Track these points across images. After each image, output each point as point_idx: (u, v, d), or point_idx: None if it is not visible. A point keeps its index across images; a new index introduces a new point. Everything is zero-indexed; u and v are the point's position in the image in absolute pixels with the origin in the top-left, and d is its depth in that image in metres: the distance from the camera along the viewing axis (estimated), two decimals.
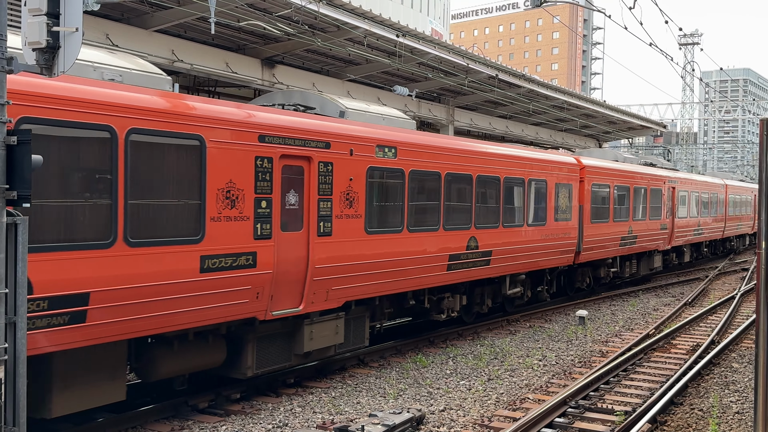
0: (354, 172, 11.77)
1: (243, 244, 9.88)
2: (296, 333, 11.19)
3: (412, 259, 13.12)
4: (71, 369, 8.32)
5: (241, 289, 9.84)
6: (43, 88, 7.63)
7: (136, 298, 8.51)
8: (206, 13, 15.78)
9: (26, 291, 6.21)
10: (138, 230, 8.54)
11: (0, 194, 5.90)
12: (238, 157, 9.79)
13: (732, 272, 30.42)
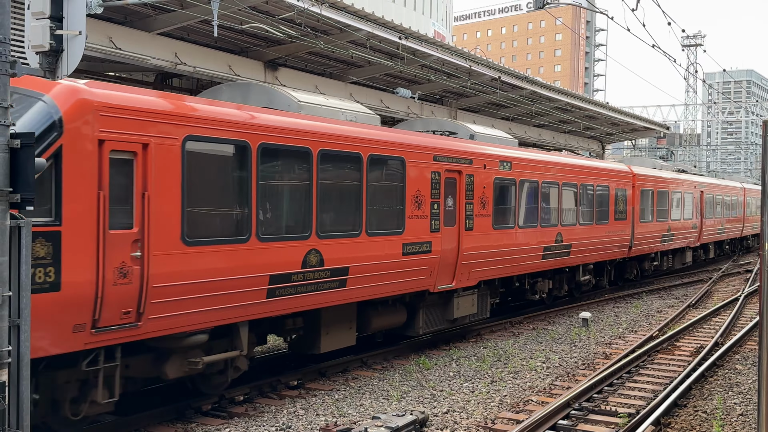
0: (486, 182, 15.29)
1: (424, 235, 13.33)
2: (448, 303, 14.66)
3: (520, 250, 16.62)
4: (330, 321, 11.98)
5: (422, 269, 13.29)
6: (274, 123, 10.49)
7: (371, 272, 12.05)
8: (209, 16, 15.79)
9: (30, 293, 6.22)
10: (373, 226, 12.11)
11: (3, 197, 5.91)
12: (422, 172, 13.31)
13: (735, 274, 30.37)
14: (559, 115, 35.39)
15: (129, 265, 8.33)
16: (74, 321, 7.83)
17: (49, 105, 7.66)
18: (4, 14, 5.95)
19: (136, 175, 8.48)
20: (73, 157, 7.78)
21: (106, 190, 8.11)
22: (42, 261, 7.42)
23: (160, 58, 18.22)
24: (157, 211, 8.66)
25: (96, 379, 8.41)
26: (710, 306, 20.87)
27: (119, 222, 8.28)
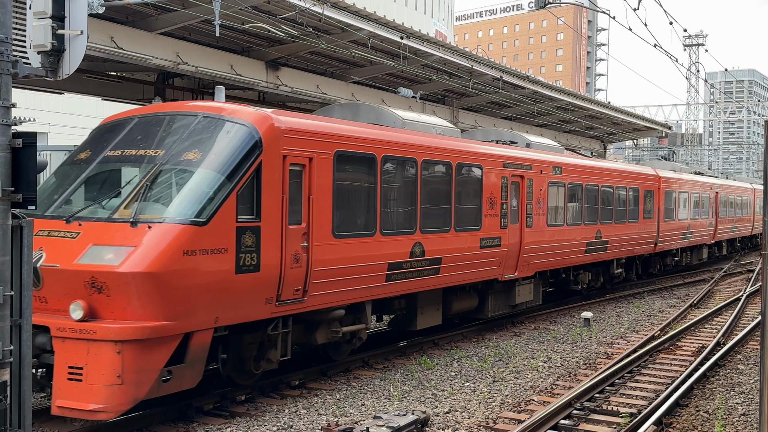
0: (542, 185, 17.45)
1: (496, 231, 15.46)
2: (510, 291, 16.70)
3: (568, 244, 18.76)
4: (425, 303, 13.99)
5: (493, 260, 15.39)
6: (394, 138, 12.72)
7: (457, 261, 14.08)
8: (211, 16, 15.80)
9: (31, 293, 6.23)
10: (459, 223, 14.12)
11: (5, 197, 5.91)
12: (494, 177, 15.46)
13: (737, 274, 30.35)
14: (560, 114, 35.37)
15: (300, 252, 10.49)
16: (267, 295, 9.95)
17: (251, 129, 9.80)
18: (6, 14, 5.95)
19: (304, 182, 10.63)
20: (268, 169, 9.91)
21: (287, 194, 10.21)
22: (249, 249, 9.58)
23: (161, 57, 18.23)
24: (317, 211, 10.79)
25: (273, 342, 10.62)
26: (712, 306, 20.86)
27: (294, 219, 10.41)
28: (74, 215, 9.18)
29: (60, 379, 8.46)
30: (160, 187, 9.28)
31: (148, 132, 10.09)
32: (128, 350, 8.37)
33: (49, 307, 8.80)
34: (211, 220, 9.04)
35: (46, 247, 8.90)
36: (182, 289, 8.72)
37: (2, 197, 5.89)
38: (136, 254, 8.49)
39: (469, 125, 33.32)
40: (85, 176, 9.84)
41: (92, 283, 8.50)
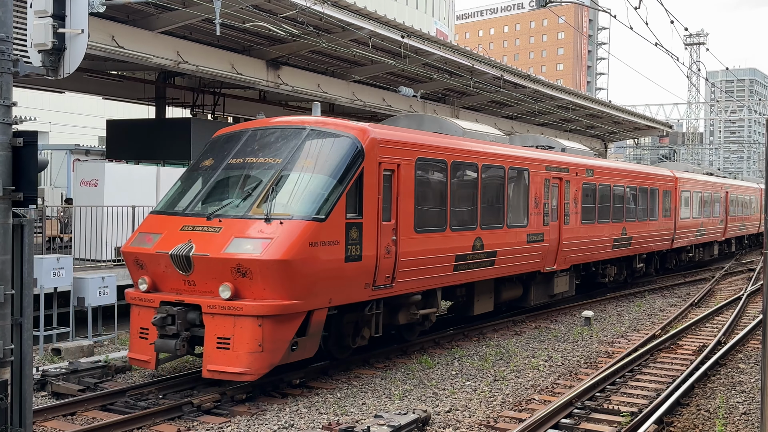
0: (577, 186, 19.19)
1: (539, 228, 17.16)
2: (549, 282, 18.45)
3: (599, 240, 20.55)
4: (480, 292, 15.64)
5: (537, 254, 17.06)
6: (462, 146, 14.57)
7: (509, 254, 15.72)
8: (211, 15, 15.80)
9: (32, 291, 6.22)
10: (510, 220, 15.88)
11: (6, 196, 5.91)
12: (538, 179, 17.18)
13: (738, 273, 30.32)
14: (561, 113, 35.34)
15: (390, 245, 12.13)
16: (366, 281, 11.66)
17: (354, 140, 11.55)
18: (7, 12, 5.95)
19: (393, 185, 12.28)
20: (368, 174, 11.65)
21: (381, 195, 11.89)
22: (354, 241, 11.28)
23: (162, 56, 18.22)
24: (403, 209, 12.45)
25: (367, 321, 12.42)
26: (713, 305, 20.84)
27: (386, 216, 12.07)
28: (214, 213, 10.95)
29: (210, 348, 10.23)
30: (284, 189, 10.99)
31: (264, 143, 11.85)
32: (267, 324, 10.16)
33: (197, 289, 10.57)
34: (328, 217, 10.79)
35: (194, 239, 10.64)
36: (308, 274, 10.47)
37: (3, 196, 5.89)
38: (273, 245, 10.22)
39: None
40: (215, 180, 11.60)
41: (238, 269, 10.21)
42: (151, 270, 11.02)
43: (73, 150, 36.19)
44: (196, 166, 12.19)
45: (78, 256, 16.16)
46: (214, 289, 10.38)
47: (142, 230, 11.49)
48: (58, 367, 11.49)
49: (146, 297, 10.99)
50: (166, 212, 11.52)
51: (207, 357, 10.25)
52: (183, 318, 10.48)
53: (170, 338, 10.44)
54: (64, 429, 9.24)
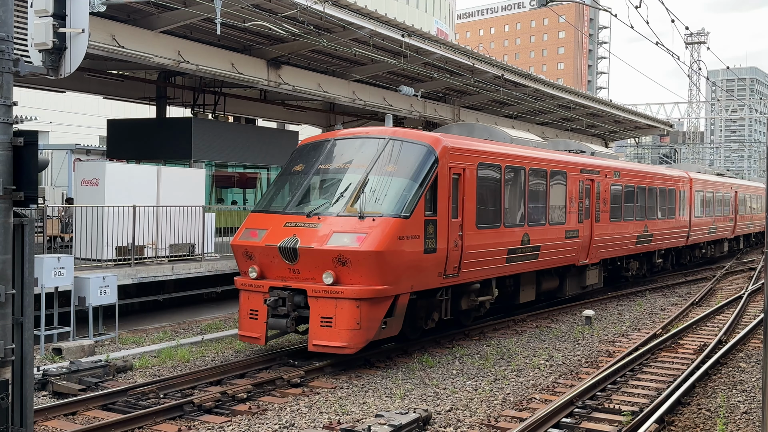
0: (606, 186, 20.87)
1: (575, 225, 18.86)
2: (582, 274, 20.06)
3: (625, 237, 22.25)
4: (525, 282, 17.20)
5: (573, 248, 18.77)
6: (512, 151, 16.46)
7: (550, 249, 17.52)
8: (212, 14, 15.80)
9: (33, 291, 6.22)
10: (551, 218, 17.60)
11: (7, 195, 5.90)
12: (574, 181, 18.86)
13: (739, 272, 30.30)
14: (562, 112, 35.33)
15: (457, 239, 13.73)
16: (438, 270, 13.33)
17: (430, 148, 13.22)
18: (7, 12, 5.94)
19: (459, 187, 13.92)
20: (441, 177, 13.30)
21: (450, 195, 13.56)
22: (431, 236, 12.92)
23: (163, 56, 18.22)
24: (467, 208, 14.09)
25: (438, 306, 14.11)
26: (714, 304, 20.83)
27: (454, 214, 13.69)
28: (313, 211, 12.64)
29: (315, 326, 11.98)
30: (372, 191, 12.58)
31: (348, 150, 13.58)
32: (364, 306, 11.86)
33: (301, 276, 12.33)
34: (411, 215, 12.43)
35: (298, 234, 12.37)
36: (396, 263, 12.15)
37: (4, 196, 5.88)
38: (368, 238, 11.90)
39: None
40: (308, 183, 13.38)
41: (339, 259, 11.92)
42: (260, 260, 12.75)
43: (73, 149, 36.19)
44: (288, 171, 13.97)
45: (79, 256, 16.17)
46: (316, 276, 12.14)
47: (247, 226, 13.23)
48: (59, 367, 11.49)
49: (256, 283, 12.68)
50: (267, 211, 13.35)
51: (312, 334, 12.00)
52: (291, 301, 12.27)
53: (281, 318, 12.31)
54: (65, 428, 9.25)
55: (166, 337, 15.34)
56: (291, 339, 14.83)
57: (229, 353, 13.86)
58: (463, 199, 14.04)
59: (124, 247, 16.33)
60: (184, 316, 17.70)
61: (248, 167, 26.97)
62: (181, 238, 17.54)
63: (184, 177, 18.35)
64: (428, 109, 29.82)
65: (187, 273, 17.06)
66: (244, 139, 25.29)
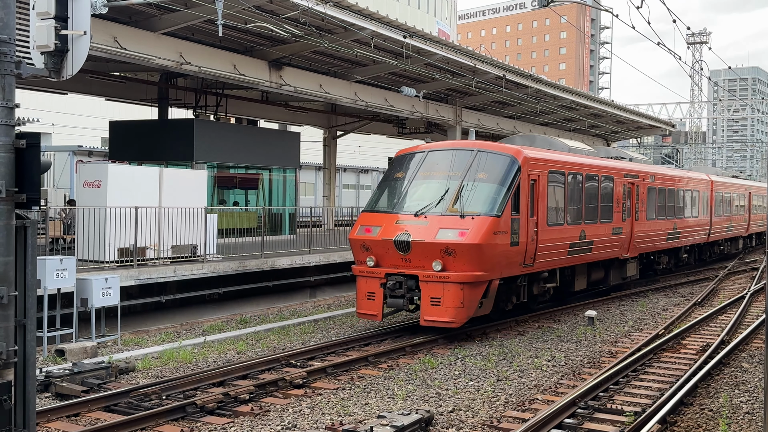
0: (643, 189, 23.29)
1: (620, 223, 21.12)
2: (623, 267, 22.33)
3: (658, 233, 24.72)
4: (579, 273, 19.49)
5: (617, 243, 21.04)
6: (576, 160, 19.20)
7: (600, 243, 19.82)
8: (214, 16, 15.80)
9: (35, 293, 6.23)
10: (602, 216, 19.87)
11: (9, 197, 5.91)
12: (619, 184, 21.15)
13: (742, 272, 30.27)
14: (564, 113, 35.31)
15: (533, 235, 16.22)
16: (519, 260, 15.85)
17: (513, 159, 15.75)
18: (9, 14, 5.95)
19: (535, 191, 16.34)
20: (522, 183, 15.77)
21: (528, 198, 16.05)
22: (515, 231, 15.44)
23: (164, 57, 18.23)
24: (540, 208, 16.61)
25: (516, 290, 16.65)
26: (716, 304, 20.81)
27: (531, 214, 16.18)
28: (419, 211, 15.11)
29: (425, 305, 14.59)
30: (468, 194, 15.06)
31: (442, 161, 15.97)
32: (466, 289, 14.48)
33: (412, 264, 14.83)
34: (502, 214, 14.93)
35: (409, 230, 14.88)
36: (491, 254, 14.70)
37: (6, 198, 5.89)
38: (469, 233, 14.46)
39: (473, 124, 33.29)
40: (410, 188, 15.82)
41: (446, 250, 14.44)
42: (376, 251, 15.26)
43: (76, 151, 36.23)
44: (390, 177, 16.58)
45: (81, 258, 16.18)
46: (426, 264, 14.63)
47: (361, 223, 15.84)
48: (62, 368, 11.51)
49: (373, 270, 15.27)
50: (376, 211, 15.96)
51: (424, 311, 14.59)
52: (406, 284, 14.85)
53: (398, 298, 14.93)
54: (68, 430, 9.26)
55: (168, 338, 15.35)
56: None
57: (231, 354, 13.87)
58: (537, 200, 16.57)
59: (127, 248, 16.34)
60: (186, 318, 17.71)
61: (250, 168, 26.98)
62: (183, 239, 17.55)
63: (186, 178, 18.37)
64: (430, 110, 29.82)
65: (189, 274, 17.07)
66: (245, 141, 25.31)
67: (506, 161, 15.71)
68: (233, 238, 21.61)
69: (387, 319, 16.75)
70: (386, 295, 15.04)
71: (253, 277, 19.32)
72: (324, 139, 35.43)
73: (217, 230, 19.01)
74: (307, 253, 20.84)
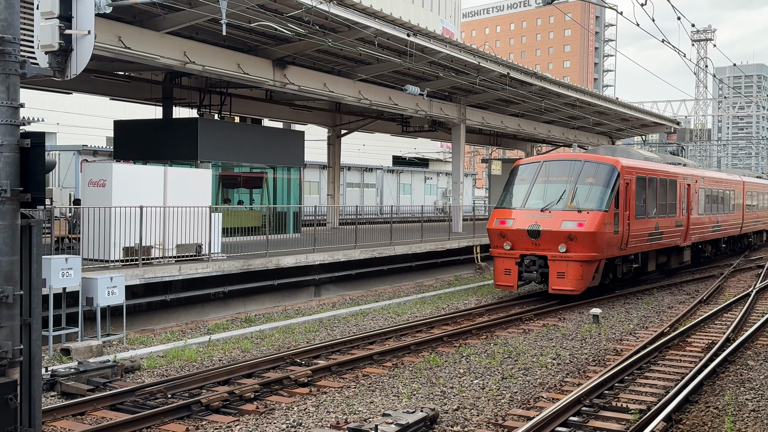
0: (696, 189, 27.53)
1: (680, 217, 25.40)
2: (680, 253, 26.51)
3: (705, 226, 28.93)
4: (652, 257, 23.64)
5: (678, 234, 25.35)
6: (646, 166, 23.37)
7: (668, 233, 23.85)
8: (218, 15, 15.82)
9: (41, 292, 6.24)
10: (669, 211, 24.27)
11: (14, 197, 5.92)
12: (680, 185, 25.34)
13: (747, 269, 30.20)
14: (568, 111, 35.25)
15: (626, 226, 20.44)
16: (618, 245, 20.32)
17: (614, 167, 20.11)
18: (14, 14, 5.96)
19: (627, 191, 20.61)
20: (620, 186, 20.11)
21: (624, 197, 20.37)
22: (616, 223, 19.81)
23: (169, 57, 18.26)
24: (630, 205, 20.88)
25: (613, 269, 21.16)
26: (721, 302, 20.76)
27: (625, 209, 20.43)
28: (545, 207, 19.83)
29: (553, 278, 19.41)
30: (581, 194, 19.78)
31: (556, 169, 20.55)
32: (585, 265, 19.27)
33: (541, 248, 19.50)
34: (608, 210, 19.57)
35: (538, 221, 19.54)
36: (602, 240, 19.36)
37: (11, 197, 5.91)
38: (586, 224, 19.12)
39: (477, 122, 33.25)
40: (532, 190, 20.46)
41: (568, 236, 19.13)
42: (511, 238, 20.05)
43: (80, 151, 36.28)
44: (513, 181, 21.21)
45: (86, 257, 16.22)
46: (552, 248, 19.39)
47: (496, 217, 20.56)
48: (68, 367, 11.54)
49: (510, 253, 20.09)
50: (507, 207, 20.60)
51: (552, 282, 19.52)
52: (537, 262, 19.72)
53: (532, 273, 19.83)
54: (74, 429, 9.28)
55: (173, 337, 15.38)
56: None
57: (236, 353, 13.89)
58: (629, 199, 20.94)
59: (132, 247, 16.37)
60: (191, 316, 17.74)
61: (254, 167, 27.00)
62: (188, 238, 17.57)
63: (190, 177, 18.39)
64: (434, 108, 29.80)
65: (194, 273, 17.10)
66: (250, 140, 25.33)
67: (609, 169, 20.21)
68: (238, 237, 21.63)
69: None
70: (521, 271, 19.89)
71: (257, 275, 19.33)
72: (328, 137, 35.45)
73: (222, 229, 19.03)
74: (312, 252, 20.85)
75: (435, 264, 27.19)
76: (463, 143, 32.16)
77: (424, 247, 25.83)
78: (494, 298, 21.48)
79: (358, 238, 23.27)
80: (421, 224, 29.14)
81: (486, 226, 22.94)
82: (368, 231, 25.93)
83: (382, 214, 43.63)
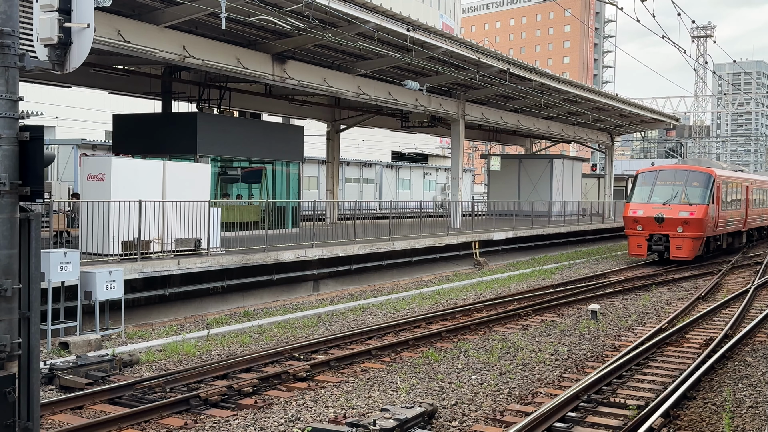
0: (751, 189, 36.95)
1: (743, 210, 35.41)
2: (740, 237, 35.95)
3: (756, 217, 37.85)
4: (725, 238, 34.73)
5: (740, 221, 35.29)
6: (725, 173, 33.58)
7: (728, 223, 33.48)
8: (217, 9, 15.79)
9: (39, 286, 6.23)
10: (732, 206, 33.56)
11: (12, 190, 5.91)
12: (743, 187, 35.69)
13: (745, 266, 30.24)
14: (567, 107, 35.22)
15: (715, 215, 30.40)
16: (712, 228, 29.93)
17: (711, 175, 29.49)
18: (13, 7, 5.94)
19: (718, 192, 30.67)
20: (714, 188, 29.54)
21: (717, 195, 29.82)
22: (711, 213, 29.85)
23: (168, 51, 18.22)
24: (719, 201, 30.05)
25: (709, 244, 31.02)
26: (720, 298, 20.80)
27: (715, 204, 29.75)
28: (666, 202, 28.81)
29: (673, 249, 28.56)
30: (691, 193, 28.84)
31: (670, 175, 29.64)
32: (694, 241, 28.55)
33: (663, 229, 28.53)
34: (708, 204, 28.55)
35: (662, 211, 28.64)
36: (704, 224, 28.42)
37: (10, 190, 5.89)
38: (695, 213, 28.20)
39: (476, 118, 33.23)
40: (654, 190, 29.60)
41: (684, 222, 28.26)
42: (642, 222, 28.73)
43: (79, 144, 36.25)
44: (640, 183, 29.94)
45: (85, 251, 16.21)
46: (672, 229, 28.14)
47: (630, 208, 29.36)
48: (66, 361, 11.55)
49: (641, 232, 28.86)
50: (635, 202, 29.46)
51: (672, 252, 28.29)
52: (662, 239, 28.44)
53: (659, 246, 28.57)
54: (72, 422, 9.28)
55: (172, 331, 15.39)
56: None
57: (234, 347, 13.91)
58: (719, 197, 29.38)
59: (130, 241, 16.36)
60: (189, 311, 17.74)
61: (254, 162, 26.98)
62: (186, 232, 17.57)
63: (189, 172, 18.37)
64: (433, 104, 29.78)
65: (193, 267, 17.10)
66: (249, 134, 25.30)
67: (708, 176, 29.06)
68: (237, 231, 21.63)
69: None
70: (650, 246, 28.73)
71: (256, 270, 19.34)
72: (327, 132, 35.43)
73: (221, 224, 19.02)
74: (311, 247, 20.85)
75: (434, 259, 27.20)
76: (463, 139, 32.15)
77: (422, 242, 25.83)
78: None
79: (357, 233, 23.27)
80: (419, 220, 29.13)
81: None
82: (367, 226, 25.93)
83: (381, 210, 43.63)
